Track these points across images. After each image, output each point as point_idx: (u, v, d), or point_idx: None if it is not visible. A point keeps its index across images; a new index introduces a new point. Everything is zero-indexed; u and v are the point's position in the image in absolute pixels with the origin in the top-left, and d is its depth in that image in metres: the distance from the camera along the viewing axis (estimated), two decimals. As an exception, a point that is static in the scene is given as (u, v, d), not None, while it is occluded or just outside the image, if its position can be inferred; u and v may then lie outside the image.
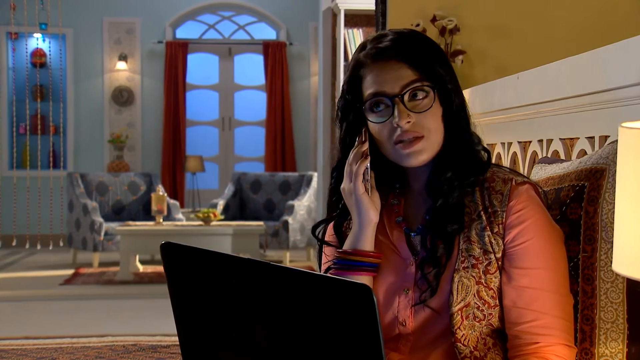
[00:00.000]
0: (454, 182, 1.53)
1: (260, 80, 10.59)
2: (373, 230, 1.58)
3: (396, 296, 1.56)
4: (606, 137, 1.82)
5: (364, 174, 1.56)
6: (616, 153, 1.54)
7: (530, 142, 2.28)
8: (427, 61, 1.52)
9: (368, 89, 1.54)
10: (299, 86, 10.52)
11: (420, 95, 1.51)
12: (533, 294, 1.47)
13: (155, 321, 5.47)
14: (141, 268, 7.77)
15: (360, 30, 6.62)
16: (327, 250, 1.69)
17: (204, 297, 1.38)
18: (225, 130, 10.62)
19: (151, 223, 7.71)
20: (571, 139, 2.01)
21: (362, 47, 1.58)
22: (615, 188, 1.52)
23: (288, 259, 8.18)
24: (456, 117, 1.54)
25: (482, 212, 1.52)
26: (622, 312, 1.51)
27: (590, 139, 1.89)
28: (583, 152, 1.92)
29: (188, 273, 1.39)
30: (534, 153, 2.24)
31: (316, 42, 10.28)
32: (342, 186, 1.60)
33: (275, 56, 10.31)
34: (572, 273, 1.55)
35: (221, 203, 8.64)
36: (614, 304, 1.52)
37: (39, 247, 8.86)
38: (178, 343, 2.74)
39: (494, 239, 1.50)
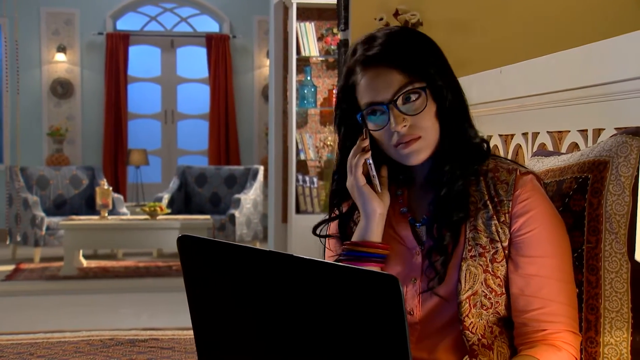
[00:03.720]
0: (455, 171, 1.55)
1: (203, 73, 10.49)
2: (379, 221, 1.59)
3: (403, 286, 1.58)
4: (599, 130, 1.85)
5: (369, 171, 1.58)
6: (619, 146, 1.58)
7: (513, 135, 2.31)
8: (417, 62, 1.52)
9: (362, 98, 1.56)
10: (243, 79, 10.46)
11: (413, 97, 1.52)
12: (540, 281, 1.50)
13: (106, 316, 5.39)
14: (85, 263, 7.64)
15: (312, 23, 6.61)
16: (332, 245, 1.69)
17: (222, 291, 1.36)
18: (168, 124, 10.50)
19: (96, 217, 7.58)
20: (559, 132, 2.04)
21: (353, 51, 1.59)
22: (619, 180, 1.56)
23: (234, 253, 8.12)
24: (450, 113, 1.55)
25: (488, 202, 1.54)
26: (627, 302, 1.54)
27: (582, 132, 1.92)
28: (574, 145, 1.95)
29: (205, 266, 1.37)
30: (517, 146, 2.27)
31: (260, 35, 10.25)
32: (347, 182, 1.62)
33: (218, 49, 10.23)
34: (576, 264, 1.58)
35: (166, 197, 8.55)
36: (618, 293, 1.55)
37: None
38: (156, 337, 2.71)
39: (501, 228, 1.53)
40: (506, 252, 1.52)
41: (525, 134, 2.22)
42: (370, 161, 1.57)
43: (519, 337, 1.53)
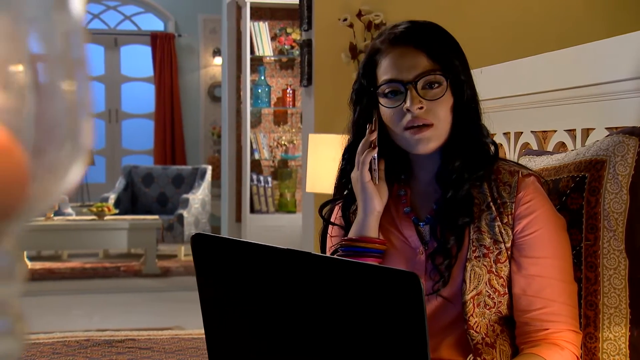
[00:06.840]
0: (463, 173, 1.56)
1: (148, 72, 10.38)
2: (376, 218, 1.61)
3: None
4: (588, 130, 1.89)
5: (370, 163, 1.58)
6: (616, 145, 1.61)
7: (494, 135, 2.33)
8: (443, 51, 1.55)
9: (383, 74, 1.57)
10: (189, 78, 10.37)
11: (434, 84, 1.54)
12: (542, 282, 1.52)
13: (57, 318, 5.29)
14: (29, 265, 7.47)
15: (266, 23, 6.60)
16: (333, 231, 1.70)
17: (236, 289, 1.35)
18: (112, 123, 10.35)
19: (41, 218, 7.42)
20: (544, 131, 2.08)
21: (380, 34, 1.61)
22: (616, 179, 1.59)
23: (183, 253, 8.07)
24: (466, 109, 1.57)
25: (491, 203, 1.56)
26: (625, 298, 1.58)
27: (570, 131, 1.95)
28: (560, 144, 1.98)
29: (220, 265, 1.36)
30: (498, 145, 2.30)
31: (205, 34, 10.18)
32: (352, 173, 1.63)
33: (163, 48, 10.13)
34: (574, 261, 1.61)
35: (112, 197, 8.41)
36: (616, 290, 1.58)
37: None
38: (132, 337, 2.67)
39: (504, 229, 1.55)
40: (509, 252, 1.55)
41: (506, 134, 2.25)
42: (375, 156, 1.58)
43: (521, 336, 1.55)
